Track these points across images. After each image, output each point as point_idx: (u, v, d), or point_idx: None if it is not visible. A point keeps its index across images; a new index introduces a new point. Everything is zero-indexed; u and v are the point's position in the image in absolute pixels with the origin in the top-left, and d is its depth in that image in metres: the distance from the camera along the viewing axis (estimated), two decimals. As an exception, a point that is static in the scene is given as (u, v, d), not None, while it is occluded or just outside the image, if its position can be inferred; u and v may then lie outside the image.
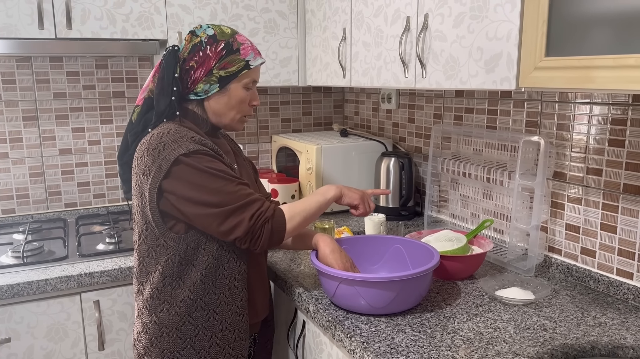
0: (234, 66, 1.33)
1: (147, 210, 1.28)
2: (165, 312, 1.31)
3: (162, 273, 1.30)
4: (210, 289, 1.32)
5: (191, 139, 1.26)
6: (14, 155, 2.16)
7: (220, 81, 1.33)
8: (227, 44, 1.33)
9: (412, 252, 1.51)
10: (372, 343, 1.20)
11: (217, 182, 1.24)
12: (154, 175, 1.24)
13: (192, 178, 1.23)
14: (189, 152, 1.24)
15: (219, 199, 1.23)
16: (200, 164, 1.24)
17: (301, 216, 1.34)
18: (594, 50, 1.05)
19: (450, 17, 1.45)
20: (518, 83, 1.26)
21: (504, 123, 1.78)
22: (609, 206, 1.47)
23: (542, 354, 1.16)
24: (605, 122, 1.45)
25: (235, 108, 1.37)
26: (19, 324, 1.63)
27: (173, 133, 1.26)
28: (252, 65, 1.36)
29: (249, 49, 1.36)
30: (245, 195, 1.26)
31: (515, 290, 1.43)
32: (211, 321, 1.32)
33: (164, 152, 1.24)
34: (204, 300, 1.31)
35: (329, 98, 2.73)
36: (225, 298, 1.33)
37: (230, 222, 1.23)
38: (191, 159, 1.24)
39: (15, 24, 1.78)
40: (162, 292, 1.31)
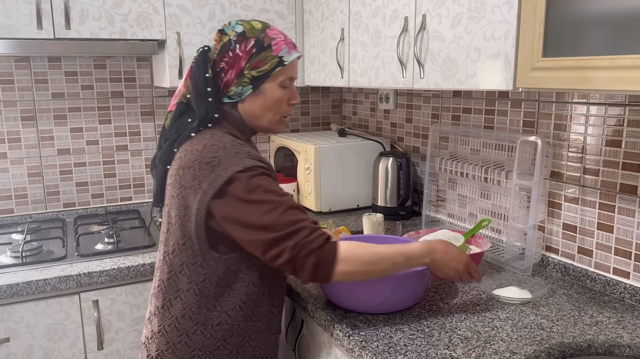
0: (266, 64, 1.23)
1: (191, 225, 1.18)
2: (199, 334, 1.22)
3: (199, 293, 1.21)
4: (249, 316, 1.24)
5: (248, 154, 1.17)
6: (12, 155, 2.17)
7: (252, 82, 1.24)
8: (257, 40, 1.23)
9: None
10: (371, 342, 1.21)
11: (267, 205, 1.13)
12: (204, 191, 1.14)
13: (244, 198, 1.13)
14: (245, 168, 1.14)
15: (266, 223, 1.12)
16: (253, 182, 1.14)
17: (365, 261, 1.16)
18: (591, 51, 1.06)
19: (448, 17, 1.46)
20: (515, 84, 1.27)
21: (502, 124, 1.78)
22: (605, 206, 1.48)
23: (539, 353, 1.16)
24: (602, 122, 1.46)
25: (272, 109, 1.28)
26: (18, 324, 1.63)
27: (229, 148, 1.17)
28: (287, 61, 1.25)
29: (281, 44, 1.25)
30: (293, 221, 1.13)
31: (513, 289, 1.44)
32: (245, 348, 1.25)
33: (218, 169, 1.14)
34: (241, 326, 1.24)
35: (327, 98, 2.74)
36: (262, 324, 1.27)
37: (274, 250, 1.13)
38: (246, 176, 1.14)
39: (13, 24, 1.78)
40: (197, 313, 1.22)
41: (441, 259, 1.25)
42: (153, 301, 1.29)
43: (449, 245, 1.29)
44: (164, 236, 1.28)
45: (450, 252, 1.27)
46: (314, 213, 2.25)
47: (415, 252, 1.22)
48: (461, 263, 1.28)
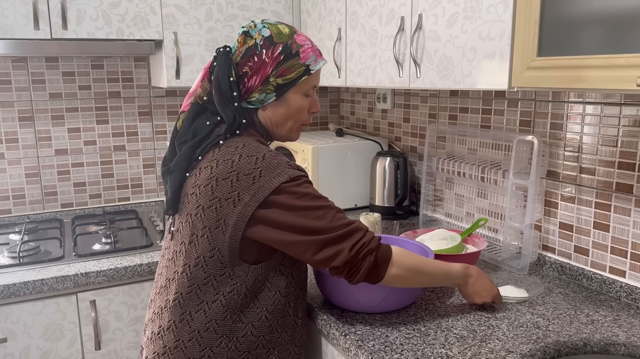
0: (292, 72, 1.20)
1: (224, 237, 1.14)
2: (223, 346, 1.18)
3: (225, 304, 1.17)
4: (274, 327, 1.22)
5: (288, 164, 1.15)
6: (10, 155, 2.17)
7: (277, 89, 1.20)
8: (285, 46, 1.19)
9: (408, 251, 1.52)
10: (367, 341, 1.21)
11: (319, 210, 1.14)
12: (246, 203, 1.11)
13: (295, 205, 1.12)
14: (290, 178, 1.13)
15: (320, 225, 1.12)
16: (301, 190, 1.13)
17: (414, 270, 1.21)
18: (585, 50, 1.06)
19: (444, 17, 1.46)
20: (510, 83, 1.27)
21: (498, 123, 1.79)
22: (601, 205, 1.48)
23: (535, 352, 1.17)
24: (598, 122, 1.47)
25: (293, 117, 1.25)
26: (15, 324, 1.63)
27: (269, 159, 1.14)
28: (313, 69, 1.22)
29: (309, 51, 1.22)
30: (346, 223, 1.15)
31: (509, 288, 1.45)
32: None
33: (260, 180, 1.11)
34: (266, 338, 1.21)
35: (325, 97, 2.74)
36: (287, 336, 1.25)
37: (327, 251, 1.13)
38: (292, 186, 1.13)
39: (10, 25, 1.78)
40: (222, 325, 1.18)
41: (473, 284, 1.32)
42: (165, 316, 1.22)
43: (484, 274, 1.34)
44: (183, 247, 1.20)
45: (484, 281, 1.33)
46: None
47: (455, 272, 1.29)
48: (490, 295, 1.33)
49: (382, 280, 1.18)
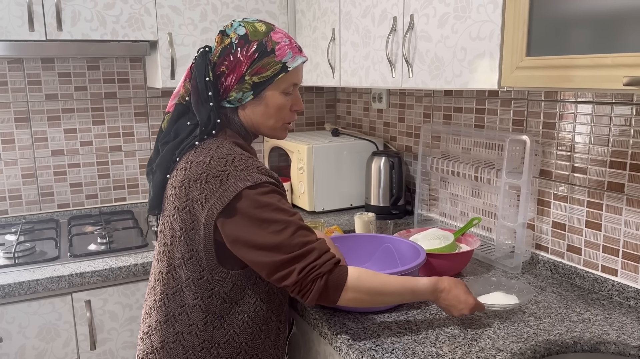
0: (268, 70, 1.17)
1: (199, 239, 1.14)
2: (205, 352, 1.18)
3: (205, 309, 1.17)
4: (257, 333, 1.21)
5: (257, 169, 1.13)
6: (6, 156, 2.17)
7: (254, 88, 1.18)
8: (260, 44, 1.17)
9: (401, 251, 1.53)
10: (358, 340, 1.22)
11: (278, 224, 1.10)
12: (211, 205, 1.10)
13: (254, 215, 1.09)
14: (255, 184, 1.10)
15: (275, 243, 1.09)
16: (263, 200, 1.10)
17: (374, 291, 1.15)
18: (573, 50, 1.07)
19: (435, 17, 1.46)
20: (500, 83, 1.27)
21: (492, 122, 1.79)
22: (593, 204, 1.48)
23: (525, 350, 1.17)
24: (590, 121, 1.47)
25: (273, 116, 1.22)
26: (10, 325, 1.64)
27: (238, 161, 1.13)
28: (290, 67, 1.19)
29: (286, 48, 1.18)
30: (303, 243, 1.10)
31: (499, 295, 1.39)
32: None
33: (227, 183, 1.10)
34: (249, 345, 1.21)
35: (321, 98, 2.75)
36: (270, 342, 1.24)
37: (280, 272, 1.10)
38: (255, 192, 1.10)
39: (5, 26, 1.79)
40: (203, 330, 1.18)
41: (445, 298, 1.23)
42: (153, 316, 1.23)
43: (458, 285, 1.25)
44: (165, 248, 1.22)
45: (457, 295, 1.24)
46: (307, 212, 2.26)
47: (422, 289, 1.21)
48: (467, 308, 1.24)
49: (337, 303, 1.14)
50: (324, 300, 1.13)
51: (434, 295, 1.23)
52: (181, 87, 1.24)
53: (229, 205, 1.10)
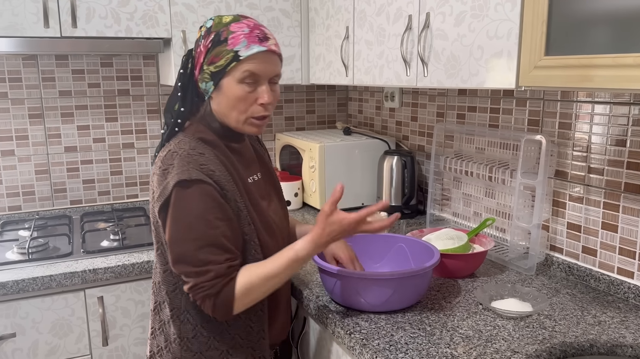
0: (221, 59, 1.16)
1: (161, 232, 1.19)
2: (177, 345, 1.22)
3: (170, 303, 1.22)
4: (224, 329, 1.22)
5: (199, 165, 1.13)
6: (20, 152, 2.19)
7: (212, 78, 1.18)
8: (216, 34, 1.17)
9: (414, 251, 1.52)
10: (372, 340, 1.21)
11: (190, 232, 1.11)
12: (156, 199, 1.15)
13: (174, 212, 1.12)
14: (189, 179, 1.11)
15: (180, 252, 1.12)
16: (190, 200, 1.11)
17: (262, 289, 1.16)
18: (593, 49, 1.05)
19: (452, 16, 1.45)
20: (518, 82, 1.26)
21: (506, 122, 1.78)
22: (610, 205, 1.47)
23: (541, 352, 1.16)
24: (607, 121, 1.45)
25: (236, 107, 1.19)
26: (24, 320, 1.65)
27: (184, 156, 1.14)
28: (242, 55, 1.15)
29: (240, 37, 1.15)
30: (205, 261, 1.11)
31: (514, 301, 1.37)
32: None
33: (168, 177, 1.13)
34: (217, 340, 1.22)
35: (333, 96, 2.74)
36: (240, 340, 1.24)
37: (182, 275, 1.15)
38: (186, 189, 1.12)
39: (21, 23, 1.80)
40: (173, 325, 1.23)
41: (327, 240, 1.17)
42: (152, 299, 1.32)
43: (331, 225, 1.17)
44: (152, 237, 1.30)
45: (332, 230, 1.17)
46: (318, 211, 2.26)
47: (302, 253, 1.17)
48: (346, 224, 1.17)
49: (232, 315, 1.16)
50: (219, 316, 1.15)
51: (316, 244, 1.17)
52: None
53: (167, 199, 1.13)
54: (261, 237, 1.23)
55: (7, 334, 1.62)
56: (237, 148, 1.27)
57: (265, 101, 1.19)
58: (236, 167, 1.23)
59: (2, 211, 2.19)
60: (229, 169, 1.20)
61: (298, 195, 2.29)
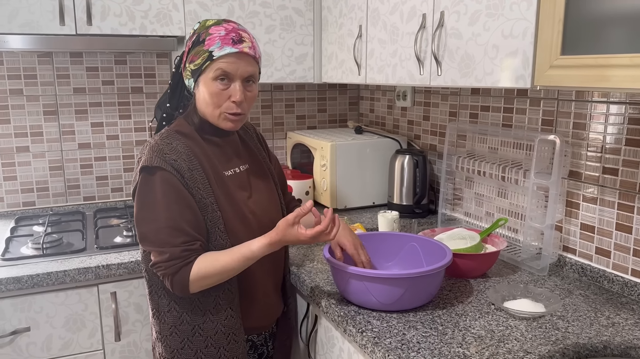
0: (199, 58, 1.27)
1: None
2: (156, 318, 1.35)
3: (149, 279, 1.35)
4: (196, 305, 1.32)
5: (163, 154, 1.25)
6: (34, 148, 2.21)
7: (193, 75, 1.30)
8: (197, 36, 1.29)
9: (427, 250, 1.51)
10: (383, 339, 1.21)
11: (151, 213, 1.24)
12: (133, 179, 1.29)
13: (138, 195, 1.26)
14: (150, 165, 1.23)
15: (142, 231, 1.26)
16: (151, 184, 1.24)
17: (216, 278, 1.26)
18: (610, 49, 1.05)
19: (466, 14, 1.45)
20: (533, 82, 1.25)
21: (520, 122, 1.77)
22: (624, 206, 1.46)
23: (554, 353, 1.16)
24: (622, 122, 1.44)
25: (211, 103, 1.29)
26: (38, 314, 1.66)
27: (154, 145, 1.27)
28: (215, 55, 1.25)
29: (215, 39, 1.26)
30: (162, 242, 1.23)
31: (526, 302, 1.36)
32: (196, 337, 1.32)
33: (139, 165, 1.27)
34: (189, 316, 1.32)
35: (344, 95, 2.74)
36: (210, 315, 1.32)
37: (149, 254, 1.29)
38: (148, 174, 1.24)
39: (37, 20, 1.81)
40: (151, 300, 1.36)
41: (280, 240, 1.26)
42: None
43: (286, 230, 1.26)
44: None
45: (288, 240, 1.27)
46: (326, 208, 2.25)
47: (258, 252, 1.26)
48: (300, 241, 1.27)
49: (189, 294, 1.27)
50: (176, 292, 1.26)
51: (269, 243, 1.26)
52: None
53: (136, 185, 1.27)
54: (229, 225, 1.31)
55: (21, 328, 1.64)
56: (216, 141, 1.37)
57: (237, 99, 1.29)
58: (210, 158, 1.32)
59: (16, 207, 2.22)
60: (200, 159, 1.30)
61: (309, 194, 2.30)
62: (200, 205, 1.27)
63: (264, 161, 1.49)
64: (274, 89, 2.57)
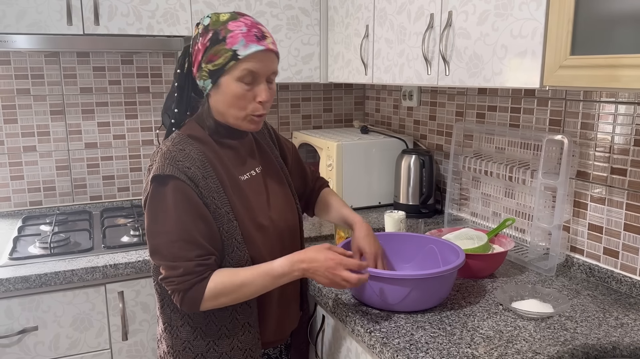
0: (220, 58, 1.17)
1: None
2: (168, 332, 1.28)
3: (161, 293, 1.28)
4: (211, 319, 1.25)
5: (175, 162, 1.17)
6: (41, 148, 2.22)
7: (211, 76, 1.20)
8: (214, 33, 1.18)
9: (445, 254, 1.48)
10: (392, 339, 1.21)
11: (162, 225, 1.16)
12: (143, 192, 1.22)
13: (149, 207, 1.17)
14: (162, 174, 1.15)
15: (154, 244, 1.18)
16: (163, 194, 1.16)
17: (233, 296, 1.18)
18: (620, 49, 1.04)
19: (475, 14, 1.44)
20: (542, 82, 1.25)
21: (527, 122, 1.77)
22: (632, 206, 1.45)
23: (563, 354, 1.15)
24: (630, 122, 1.44)
25: (234, 105, 1.21)
26: (46, 313, 1.67)
27: (165, 152, 1.19)
28: (241, 55, 1.17)
29: (238, 37, 1.17)
30: (175, 256, 1.15)
31: (534, 302, 1.36)
32: (211, 353, 1.26)
33: (150, 174, 1.19)
34: (203, 330, 1.25)
35: (350, 95, 2.74)
36: (226, 330, 1.25)
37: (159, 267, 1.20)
38: (160, 184, 1.16)
39: (44, 21, 1.82)
40: (163, 313, 1.29)
41: (308, 268, 1.20)
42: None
43: (318, 253, 1.20)
44: None
45: (316, 258, 1.20)
46: (335, 209, 2.25)
47: (279, 270, 1.19)
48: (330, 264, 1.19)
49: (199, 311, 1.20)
50: (184, 309, 1.19)
51: (298, 269, 1.19)
52: None
53: (147, 194, 1.19)
54: (246, 234, 1.23)
55: (29, 327, 1.65)
56: (231, 144, 1.29)
57: (264, 99, 1.22)
58: (224, 164, 1.24)
59: (23, 206, 2.22)
60: (214, 165, 1.22)
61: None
62: (215, 215, 1.19)
63: (277, 160, 1.42)
64: (280, 89, 2.58)
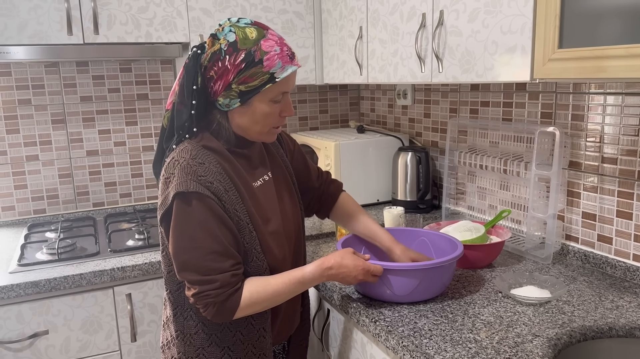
0: (255, 80, 1.16)
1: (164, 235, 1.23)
2: (180, 340, 1.27)
3: (174, 302, 1.27)
4: (226, 326, 1.25)
5: (197, 177, 1.15)
6: (43, 157, 2.25)
7: (241, 96, 1.18)
8: (247, 54, 1.15)
9: (437, 244, 1.54)
10: (396, 327, 1.25)
11: (192, 241, 1.14)
12: (159, 206, 1.19)
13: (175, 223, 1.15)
14: (186, 191, 1.13)
15: (183, 260, 1.16)
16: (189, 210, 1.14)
17: (265, 304, 1.21)
18: (606, 41, 1.09)
19: (465, 12, 1.49)
20: (533, 75, 1.30)
21: (520, 115, 1.82)
22: (624, 193, 1.50)
23: (561, 336, 1.20)
24: (619, 112, 1.49)
25: (260, 123, 1.22)
26: (56, 317, 1.70)
27: (184, 166, 1.15)
28: (279, 77, 1.17)
29: (275, 58, 1.16)
30: (208, 269, 1.14)
31: (532, 288, 1.40)
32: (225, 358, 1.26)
33: (170, 185, 1.16)
34: (218, 336, 1.25)
35: (345, 96, 2.79)
36: (242, 336, 1.26)
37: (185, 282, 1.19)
38: (185, 200, 1.14)
39: (45, 31, 1.86)
40: (175, 322, 1.28)
41: (337, 274, 1.27)
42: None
43: (344, 257, 1.28)
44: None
45: (345, 264, 1.28)
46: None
47: (309, 277, 1.24)
48: (359, 271, 1.28)
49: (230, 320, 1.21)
50: (219, 319, 1.19)
51: (326, 275, 1.26)
52: (177, 85, 1.25)
53: (168, 210, 1.16)
54: (264, 243, 1.24)
55: (40, 332, 1.68)
56: (244, 153, 1.28)
57: (290, 114, 1.25)
58: (240, 174, 1.24)
59: (27, 215, 2.26)
60: (232, 176, 1.21)
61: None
62: (238, 227, 1.20)
63: (284, 162, 1.42)
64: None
